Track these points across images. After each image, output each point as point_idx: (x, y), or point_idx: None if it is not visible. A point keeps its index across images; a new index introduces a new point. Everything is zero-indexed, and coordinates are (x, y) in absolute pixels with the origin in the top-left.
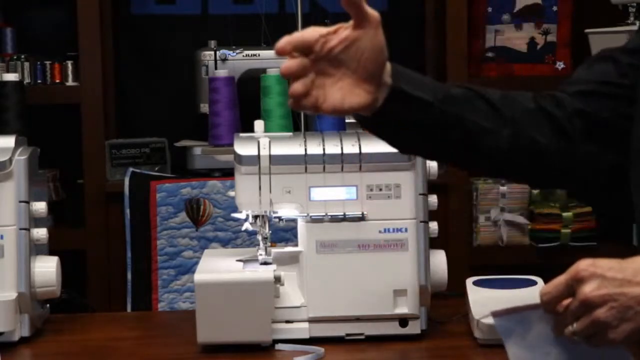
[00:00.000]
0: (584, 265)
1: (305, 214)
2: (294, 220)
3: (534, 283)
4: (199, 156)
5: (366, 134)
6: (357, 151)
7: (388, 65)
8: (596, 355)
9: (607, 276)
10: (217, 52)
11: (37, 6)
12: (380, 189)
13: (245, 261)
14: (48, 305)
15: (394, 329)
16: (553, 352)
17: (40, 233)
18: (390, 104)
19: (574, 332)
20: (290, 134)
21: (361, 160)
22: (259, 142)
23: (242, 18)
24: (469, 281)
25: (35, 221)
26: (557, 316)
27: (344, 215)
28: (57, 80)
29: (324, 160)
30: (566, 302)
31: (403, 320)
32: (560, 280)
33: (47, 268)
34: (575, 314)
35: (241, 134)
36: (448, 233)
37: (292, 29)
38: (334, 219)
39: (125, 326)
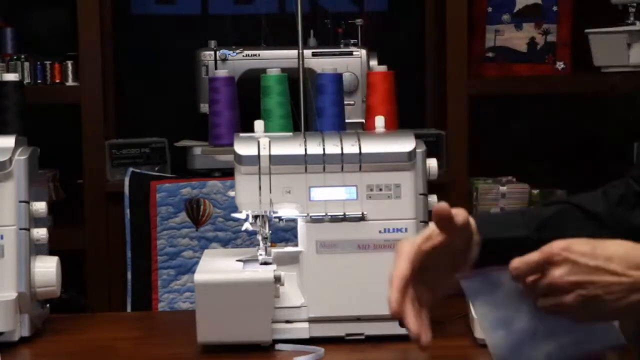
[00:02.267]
0: (558, 248)
1: (305, 214)
2: (294, 220)
3: None
4: (199, 156)
5: (366, 133)
6: (357, 151)
7: (471, 220)
8: None
9: (579, 262)
10: (217, 52)
11: (37, 6)
12: (380, 189)
13: (245, 261)
14: (48, 305)
15: (394, 329)
16: (524, 308)
17: (40, 233)
18: (486, 254)
19: (538, 304)
20: (290, 134)
21: (361, 160)
22: (259, 142)
23: (242, 18)
24: None
25: (35, 221)
26: (524, 286)
27: (344, 215)
28: (57, 80)
29: (324, 160)
30: (535, 277)
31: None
32: (532, 258)
33: (47, 268)
34: (542, 292)
35: (241, 134)
36: None
37: (292, 29)
38: (334, 219)
39: (125, 326)
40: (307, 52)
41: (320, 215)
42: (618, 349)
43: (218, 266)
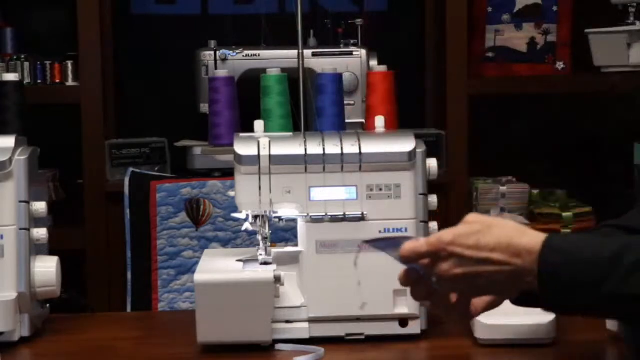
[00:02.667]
0: (444, 243)
1: (305, 214)
2: (294, 220)
3: None
4: (199, 156)
5: (366, 133)
6: (357, 151)
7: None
8: None
9: (464, 255)
10: (217, 52)
11: (37, 6)
12: (380, 189)
13: (245, 261)
14: (48, 305)
15: (394, 329)
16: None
17: (40, 233)
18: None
19: (432, 285)
20: (290, 134)
21: (361, 160)
22: (259, 142)
23: (242, 18)
24: None
25: (35, 221)
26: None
27: (344, 215)
28: (57, 80)
29: (324, 160)
30: (427, 261)
31: (403, 320)
32: (421, 250)
33: (47, 268)
34: (430, 275)
35: (241, 134)
36: None
37: (292, 29)
38: (334, 219)
39: (125, 326)
40: (307, 52)
41: (320, 215)
42: None
43: (218, 266)
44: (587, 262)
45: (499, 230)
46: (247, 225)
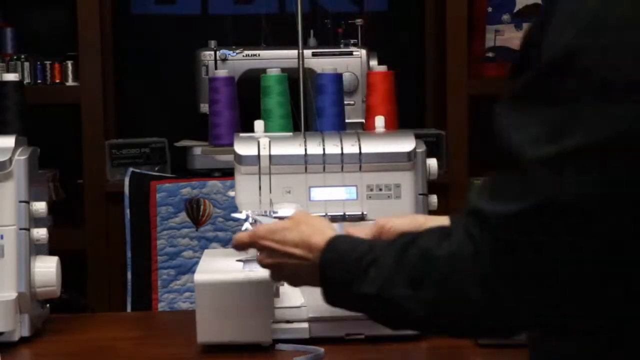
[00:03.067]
0: (257, 237)
1: None
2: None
3: None
4: (199, 156)
5: (366, 133)
6: (357, 151)
7: None
8: None
9: (272, 248)
10: (217, 52)
11: (37, 6)
12: (380, 189)
13: (245, 261)
14: (48, 305)
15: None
16: None
17: (40, 233)
18: None
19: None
20: (290, 134)
21: (361, 160)
22: (259, 142)
23: (242, 18)
24: None
25: (35, 221)
26: None
27: (344, 215)
28: (57, 80)
29: (324, 160)
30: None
31: None
32: (244, 240)
33: (47, 268)
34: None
35: (241, 134)
36: None
37: (292, 29)
38: (334, 219)
39: (125, 326)
40: (307, 52)
41: (320, 215)
42: None
43: (218, 266)
44: (346, 262)
45: (305, 228)
46: (247, 225)
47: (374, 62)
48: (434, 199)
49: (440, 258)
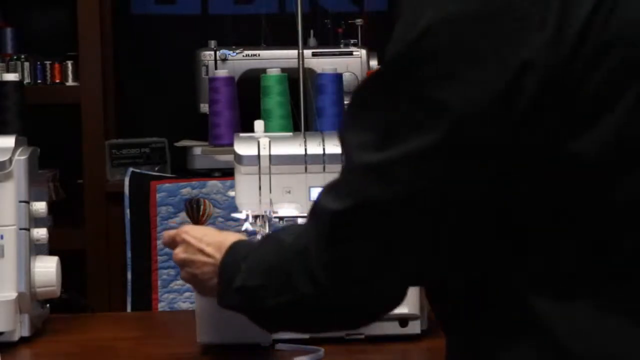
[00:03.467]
0: (182, 230)
1: (305, 214)
2: (294, 220)
3: None
4: (199, 156)
5: None
6: None
7: None
8: None
9: (189, 243)
10: (217, 52)
11: (37, 6)
12: None
13: None
14: (48, 305)
15: (394, 329)
16: None
17: (40, 233)
18: None
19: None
20: (290, 134)
21: None
22: (259, 142)
23: (242, 18)
24: None
25: (35, 221)
26: None
27: None
28: (57, 80)
29: (324, 160)
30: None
31: (403, 320)
32: (170, 235)
33: (47, 268)
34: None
35: (241, 134)
36: None
37: (292, 29)
38: None
39: (125, 326)
40: (307, 52)
41: None
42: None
43: None
44: (235, 261)
45: (228, 234)
46: (247, 225)
47: (374, 62)
48: None
49: (286, 250)
